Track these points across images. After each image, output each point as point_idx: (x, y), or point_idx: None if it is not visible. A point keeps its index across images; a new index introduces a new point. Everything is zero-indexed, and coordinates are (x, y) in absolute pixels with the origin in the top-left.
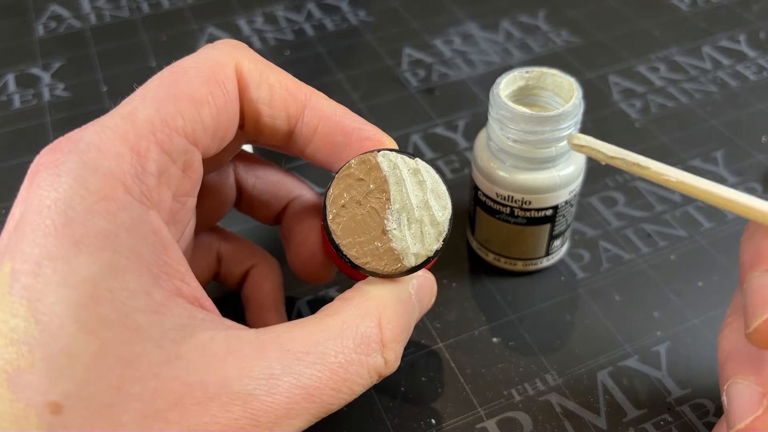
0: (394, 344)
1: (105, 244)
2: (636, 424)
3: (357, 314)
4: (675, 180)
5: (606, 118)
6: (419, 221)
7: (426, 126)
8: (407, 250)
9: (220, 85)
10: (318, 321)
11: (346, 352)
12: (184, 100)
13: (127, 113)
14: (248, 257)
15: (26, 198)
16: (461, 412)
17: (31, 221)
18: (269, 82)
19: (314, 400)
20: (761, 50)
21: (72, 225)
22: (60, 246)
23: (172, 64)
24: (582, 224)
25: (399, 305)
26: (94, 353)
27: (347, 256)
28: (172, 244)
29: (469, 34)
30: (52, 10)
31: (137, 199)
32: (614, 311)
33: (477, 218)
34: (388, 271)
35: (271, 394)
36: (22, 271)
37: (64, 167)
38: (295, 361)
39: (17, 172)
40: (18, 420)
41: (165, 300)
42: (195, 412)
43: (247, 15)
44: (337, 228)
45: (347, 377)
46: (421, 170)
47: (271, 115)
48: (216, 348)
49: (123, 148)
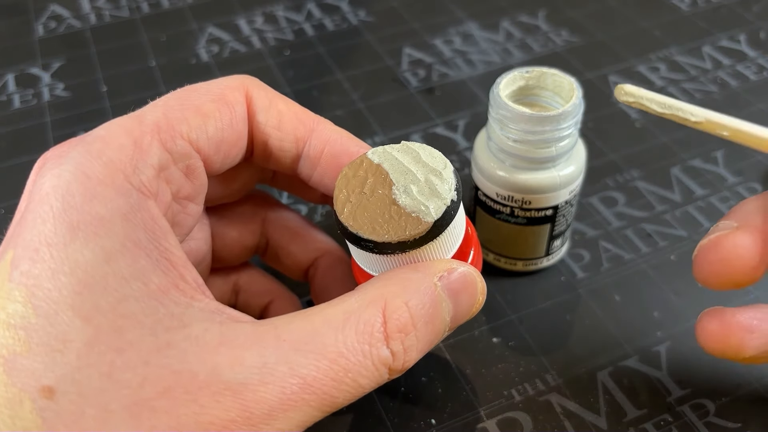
0: (400, 335)
1: (100, 229)
2: (636, 424)
3: (361, 302)
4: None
5: (606, 118)
6: (427, 182)
7: (426, 126)
8: (424, 209)
9: (227, 104)
10: (319, 311)
11: (347, 342)
12: (191, 110)
13: (136, 115)
14: (268, 292)
15: (31, 190)
16: (461, 412)
17: (33, 209)
18: (278, 108)
19: (313, 392)
20: (761, 50)
21: (69, 211)
22: (57, 232)
23: (184, 87)
24: (582, 224)
25: (413, 295)
26: (87, 340)
27: (369, 240)
28: (170, 233)
29: (469, 34)
30: (52, 10)
31: (136, 188)
32: (614, 311)
33: (477, 218)
34: (414, 234)
35: (264, 383)
36: (22, 257)
37: (67, 157)
38: (291, 351)
39: (17, 172)
40: (12, 404)
41: (162, 287)
42: (183, 401)
43: (247, 15)
44: (351, 220)
45: (349, 368)
46: (411, 147)
47: (280, 138)
48: (209, 337)
49: (126, 140)
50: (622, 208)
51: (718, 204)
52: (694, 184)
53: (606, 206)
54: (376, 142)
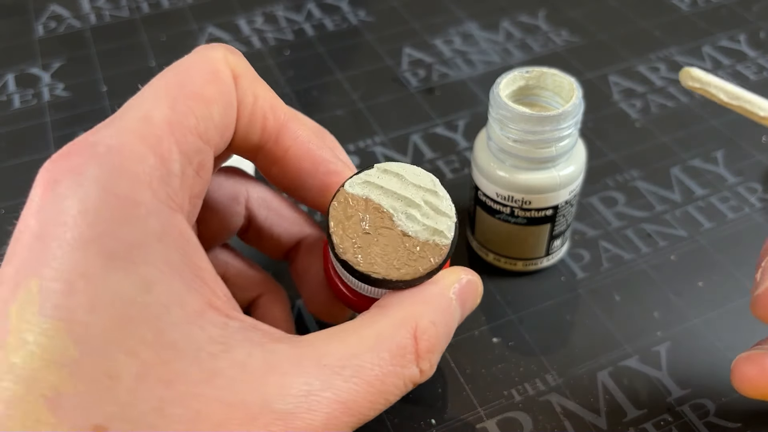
0: (430, 355)
1: (137, 256)
2: (636, 424)
3: (392, 324)
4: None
5: (606, 118)
6: (427, 204)
7: (426, 126)
8: (438, 233)
9: (223, 82)
10: (353, 332)
11: (382, 364)
12: (195, 99)
13: (142, 114)
14: (256, 285)
15: (44, 207)
16: (461, 412)
17: (56, 234)
18: (255, 93)
19: (352, 414)
20: (761, 50)
21: (103, 238)
22: (91, 261)
23: (172, 65)
24: (582, 224)
25: (437, 313)
26: (135, 374)
27: (398, 281)
28: (198, 247)
29: (469, 34)
30: (52, 10)
31: (164, 203)
32: (614, 311)
33: (477, 218)
34: (438, 261)
35: (311, 411)
36: (53, 289)
37: (86, 173)
38: (333, 376)
39: (17, 172)
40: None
41: (198, 309)
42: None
43: (247, 15)
44: (369, 267)
45: (384, 389)
46: (389, 168)
47: (248, 123)
48: (254, 364)
49: (144, 149)
50: (622, 208)
51: (718, 204)
52: (694, 184)
53: (606, 206)
54: (376, 142)
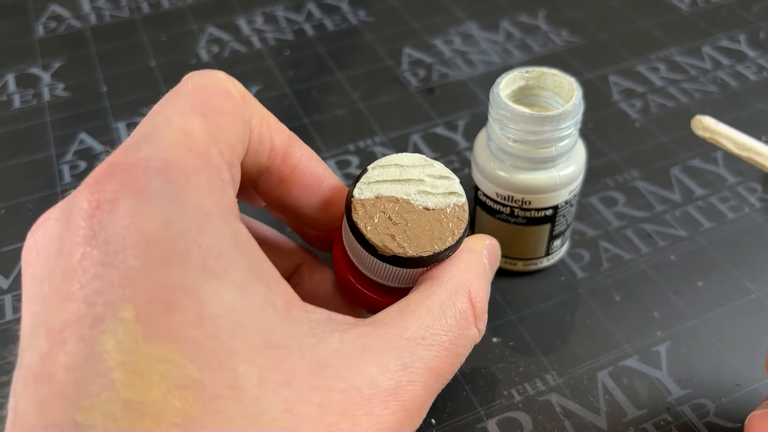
0: (483, 315)
1: (226, 264)
2: (636, 424)
3: (449, 293)
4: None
5: (606, 118)
6: (429, 176)
7: (426, 126)
8: (451, 192)
9: (237, 102)
10: (419, 305)
11: (452, 329)
12: (221, 115)
13: (178, 128)
14: (295, 253)
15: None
16: (461, 412)
17: (137, 255)
18: (260, 113)
19: (439, 379)
20: (761, 50)
21: (188, 253)
22: (188, 273)
23: (181, 84)
24: (582, 224)
25: (479, 277)
26: (257, 382)
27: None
28: (262, 252)
29: (469, 34)
30: (52, 10)
31: (230, 212)
32: (614, 311)
33: (477, 218)
34: (465, 218)
35: (412, 382)
36: (151, 313)
37: (150, 189)
38: (417, 347)
39: (17, 172)
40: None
41: (284, 307)
42: (362, 417)
43: (247, 15)
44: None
45: (458, 351)
46: (384, 162)
47: (257, 142)
48: (349, 350)
49: (198, 161)
50: (622, 208)
51: (718, 204)
52: (694, 184)
53: (606, 206)
54: (376, 142)
